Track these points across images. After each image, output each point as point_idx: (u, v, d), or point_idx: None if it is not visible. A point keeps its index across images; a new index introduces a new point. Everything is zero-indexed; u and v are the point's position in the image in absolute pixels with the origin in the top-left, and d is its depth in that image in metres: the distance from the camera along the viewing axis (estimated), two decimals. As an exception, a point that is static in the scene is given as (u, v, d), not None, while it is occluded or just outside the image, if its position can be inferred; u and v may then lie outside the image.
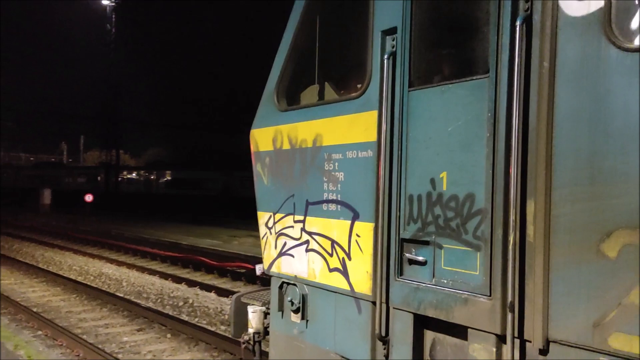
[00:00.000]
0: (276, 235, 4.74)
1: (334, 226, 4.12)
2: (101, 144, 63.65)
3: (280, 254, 4.69)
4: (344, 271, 4.01)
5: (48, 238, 24.73)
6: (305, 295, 4.45)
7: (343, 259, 4.02)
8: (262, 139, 4.95)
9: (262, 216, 4.96)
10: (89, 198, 39.54)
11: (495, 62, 3.05)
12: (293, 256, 4.53)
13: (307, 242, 4.37)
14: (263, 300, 5.19)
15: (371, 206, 3.77)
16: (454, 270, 3.26)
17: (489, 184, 3.04)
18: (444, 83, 3.39)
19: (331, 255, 4.13)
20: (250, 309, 5.11)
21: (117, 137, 60.40)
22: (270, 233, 4.83)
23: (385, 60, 3.68)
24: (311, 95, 4.69)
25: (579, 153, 2.69)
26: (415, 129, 3.52)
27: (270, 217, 4.83)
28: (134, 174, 71.71)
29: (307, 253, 4.37)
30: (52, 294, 13.07)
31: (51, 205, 44.34)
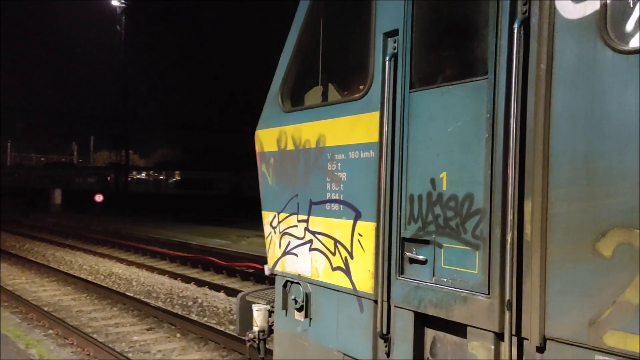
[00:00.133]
0: (280, 234, 4.81)
1: (336, 226, 4.17)
2: (111, 145, 64.04)
3: (285, 253, 4.75)
4: (347, 270, 4.06)
5: (59, 238, 24.93)
6: (308, 294, 4.50)
7: (345, 258, 4.07)
8: (267, 139, 5.01)
9: (267, 216, 5.02)
10: (99, 198, 39.89)
11: (494, 64, 3.09)
12: (297, 255, 4.59)
13: (311, 242, 4.43)
14: (268, 299, 5.25)
15: (373, 206, 3.82)
16: (454, 269, 3.30)
17: (488, 184, 3.08)
18: (444, 84, 3.43)
19: (334, 254, 4.19)
20: (255, 308, 5.18)
21: (127, 138, 60.73)
22: (275, 232, 4.89)
23: (387, 62, 3.72)
24: (315, 96, 4.74)
25: (575, 154, 2.72)
26: (416, 130, 3.57)
27: (274, 217, 4.89)
28: (144, 174, 72.14)
29: (311, 252, 4.43)
30: (63, 293, 13.20)
31: (62, 205, 44.66)
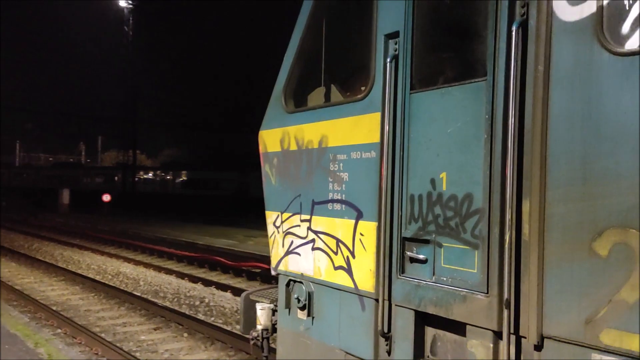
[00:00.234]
0: (283, 234, 4.86)
1: (338, 225, 4.22)
2: (118, 145, 64.41)
3: (288, 253, 4.80)
4: (348, 269, 4.10)
5: (67, 237, 25.07)
6: (311, 293, 4.55)
7: (347, 257, 4.12)
8: (270, 140, 5.06)
9: (270, 215, 5.07)
10: (106, 198, 40.08)
11: (493, 66, 3.12)
12: (299, 254, 4.64)
13: (313, 241, 4.48)
14: (271, 297, 5.30)
15: (374, 206, 3.86)
16: (453, 268, 3.34)
17: (487, 184, 3.12)
18: (443, 86, 3.47)
19: (336, 253, 4.23)
20: (258, 306, 5.23)
21: (135, 138, 61.04)
22: (278, 232, 4.94)
23: (388, 64, 3.76)
24: (317, 97, 4.78)
25: (572, 154, 2.75)
26: (417, 131, 3.61)
27: (277, 217, 4.95)
28: (151, 174, 72.41)
29: (313, 251, 4.47)
30: (71, 293, 13.29)
31: (70, 205, 44.92)
